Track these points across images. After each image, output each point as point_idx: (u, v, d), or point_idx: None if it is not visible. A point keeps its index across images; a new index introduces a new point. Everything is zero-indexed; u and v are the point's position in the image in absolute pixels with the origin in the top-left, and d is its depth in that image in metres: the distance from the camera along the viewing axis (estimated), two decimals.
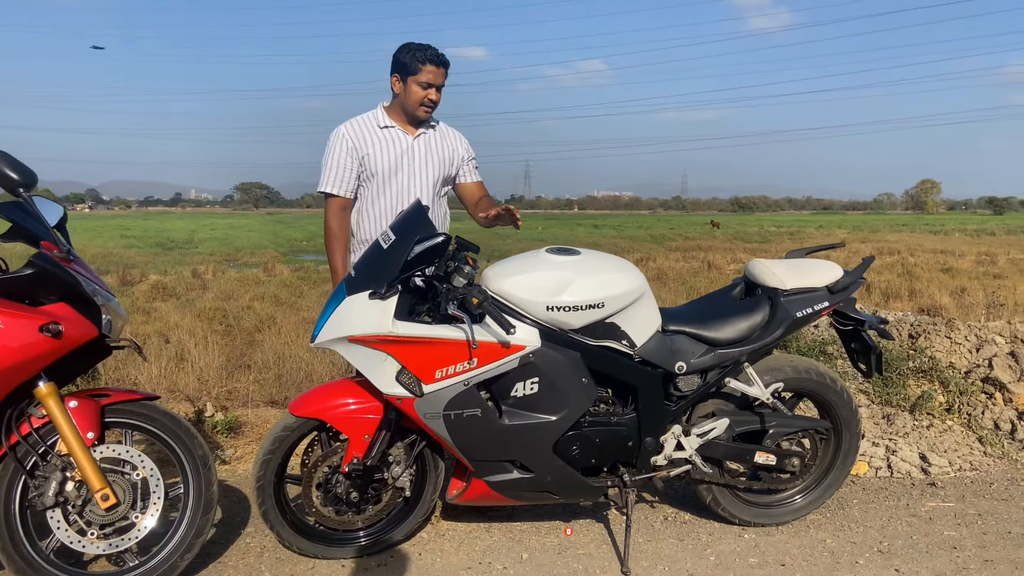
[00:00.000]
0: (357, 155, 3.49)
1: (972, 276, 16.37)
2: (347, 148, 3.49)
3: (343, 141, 3.49)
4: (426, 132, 3.60)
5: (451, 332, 2.76)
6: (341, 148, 3.49)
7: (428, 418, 2.82)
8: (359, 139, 3.49)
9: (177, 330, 9.16)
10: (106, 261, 23.42)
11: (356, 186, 3.55)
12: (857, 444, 3.45)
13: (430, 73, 3.42)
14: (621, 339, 2.98)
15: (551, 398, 2.90)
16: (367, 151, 3.49)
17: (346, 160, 3.49)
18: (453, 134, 3.71)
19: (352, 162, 3.49)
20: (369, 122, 3.54)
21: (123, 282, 16.80)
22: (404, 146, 3.53)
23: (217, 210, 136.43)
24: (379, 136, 3.52)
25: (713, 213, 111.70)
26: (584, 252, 3.00)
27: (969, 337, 5.67)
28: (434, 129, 3.64)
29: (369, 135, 3.51)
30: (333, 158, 3.50)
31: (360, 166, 3.51)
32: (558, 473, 3.00)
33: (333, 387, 3.01)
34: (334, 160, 3.49)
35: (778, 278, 3.19)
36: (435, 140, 3.61)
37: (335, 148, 3.50)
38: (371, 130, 3.52)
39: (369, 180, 3.53)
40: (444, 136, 3.66)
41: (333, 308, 2.80)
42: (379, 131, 3.53)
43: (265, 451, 2.93)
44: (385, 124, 3.54)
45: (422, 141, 3.57)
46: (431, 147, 3.59)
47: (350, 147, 3.49)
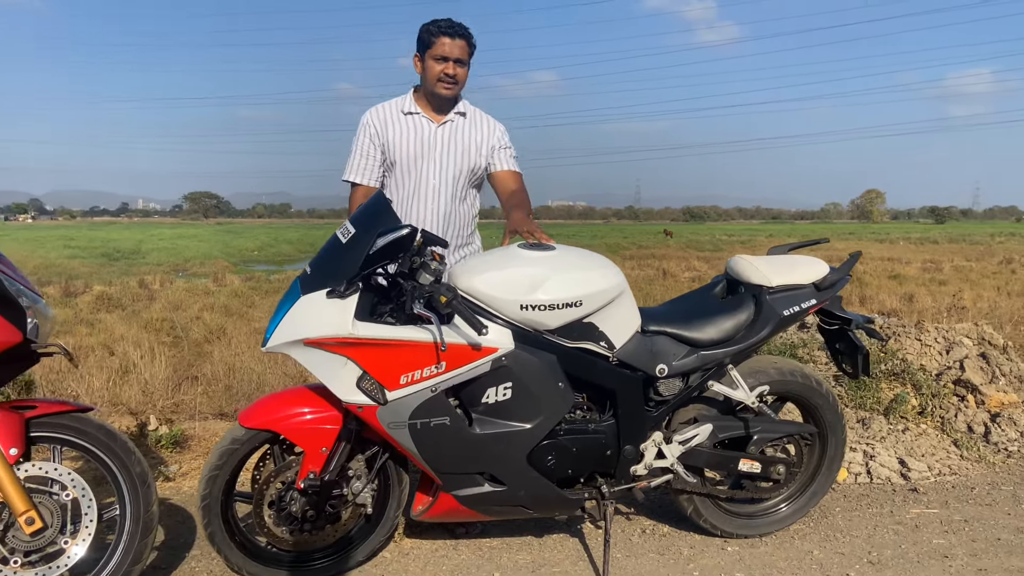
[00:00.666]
0: (379, 141, 3.30)
1: (919, 282, 16.65)
2: (370, 134, 3.31)
3: (366, 127, 3.32)
4: (454, 120, 3.34)
5: (417, 333, 2.53)
6: (365, 135, 3.32)
7: (392, 428, 2.58)
8: (382, 125, 3.30)
9: (122, 342, 8.81)
10: (48, 272, 22.68)
11: (381, 175, 3.36)
12: (843, 449, 3.30)
13: (445, 45, 3.17)
14: (599, 340, 2.77)
15: (525, 404, 2.68)
16: (388, 137, 3.29)
17: (369, 147, 3.32)
18: (487, 122, 3.41)
19: (375, 149, 3.31)
20: (394, 108, 3.34)
21: (66, 293, 16.27)
22: (426, 134, 3.30)
23: (166, 220, 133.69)
24: (402, 122, 3.30)
25: (666, 222, 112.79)
26: (560, 248, 2.80)
27: (938, 339, 5.60)
28: (464, 117, 3.37)
29: (392, 121, 3.31)
30: (357, 145, 3.34)
31: (382, 154, 3.32)
32: (532, 485, 2.78)
33: (287, 395, 2.75)
34: (358, 147, 3.34)
35: (763, 275, 3.02)
36: (463, 129, 3.34)
37: (359, 135, 3.34)
38: (394, 116, 3.32)
39: (391, 169, 3.34)
40: (475, 124, 3.38)
41: (287, 309, 2.54)
42: (402, 117, 3.31)
43: (211, 466, 2.66)
44: (410, 110, 3.32)
45: (447, 129, 3.32)
46: (457, 136, 3.33)
47: (372, 133, 3.31)
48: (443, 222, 3.32)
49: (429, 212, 3.30)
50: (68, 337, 9.75)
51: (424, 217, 3.29)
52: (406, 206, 3.31)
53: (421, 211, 3.30)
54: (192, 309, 13.23)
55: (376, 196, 2.68)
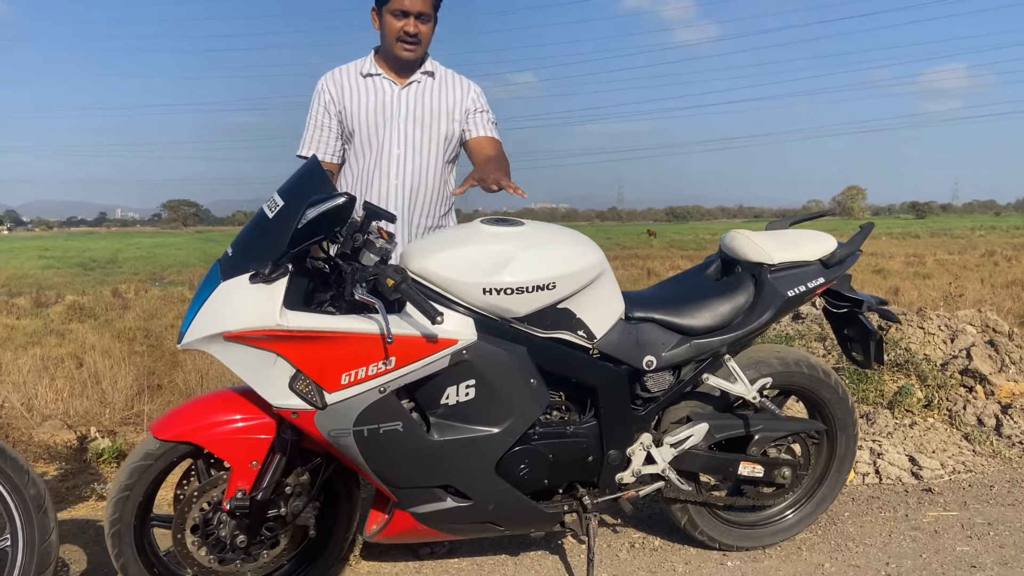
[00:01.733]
0: (335, 109, 2.91)
1: (903, 276, 16.42)
2: (324, 102, 2.92)
3: (320, 95, 2.93)
4: (420, 81, 2.92)
5: (360, 324, 2.13)
6: (319, 103, 2.94)
7: (334, 436, 2.18)
8: (338, 91, 2.90)
9: (92, 352, 8.40)
10: (21, 283, 22.10)
11: (341, 148, 2.97)
12: (854, 448, 2.93)
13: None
14: (576, 329, 2.39)
15: (492, 405, 2.28)
16: (344, 104, 2.89)
17: (324, 117, 2.93)
18: (460, 83, 2.98)
19: (330, 119, 2.92)
20: (352, 71, 2.93)
21: (37, 303, 15.77)
22: (388, 97, 2.88)
23: (144, 229, 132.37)
24: (360, 86, 2.89)
25: (649, 223, 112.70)
26: (529, 223, 2.41)
27: (941, 327, 5.26)
28: (432, 77, 2.95)
29: (349, 85, 2.90)
30: (311, 116, 2.96)
31: (340, 124, 2.92)
32: (503, 499, 2.38)
33: (210, 400, 2.35)
34: (312, 118, 2.95)
35: (763, 251, 2.64)
36: (431, 90, 2.92)
37: (313, 104, 2.96)
38: (352, 79, 2.91)
39: (349, 139, 2.93)
40: (445, 85, 2.96)
41: (205, 297, 2.14)
42: (360, 80, 2.90)
43: (120, 486, 2.25)
44: (369, 72, 2.91)
45: (413, 91, 2.90)
46: (424, 99, 2.90)
47: (327, 100, 2.92)
48: (409, 198, 2.89)
49: (392, 187, 2.87)
50: (36, 348, 9.33)
51: (387, 193, 2.87)
52: (365, 181, 2.89)
53: (383, 186, 2.87)
54: (167, 317, 12.79)
55: (309, 162, 2.28)
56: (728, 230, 2.87)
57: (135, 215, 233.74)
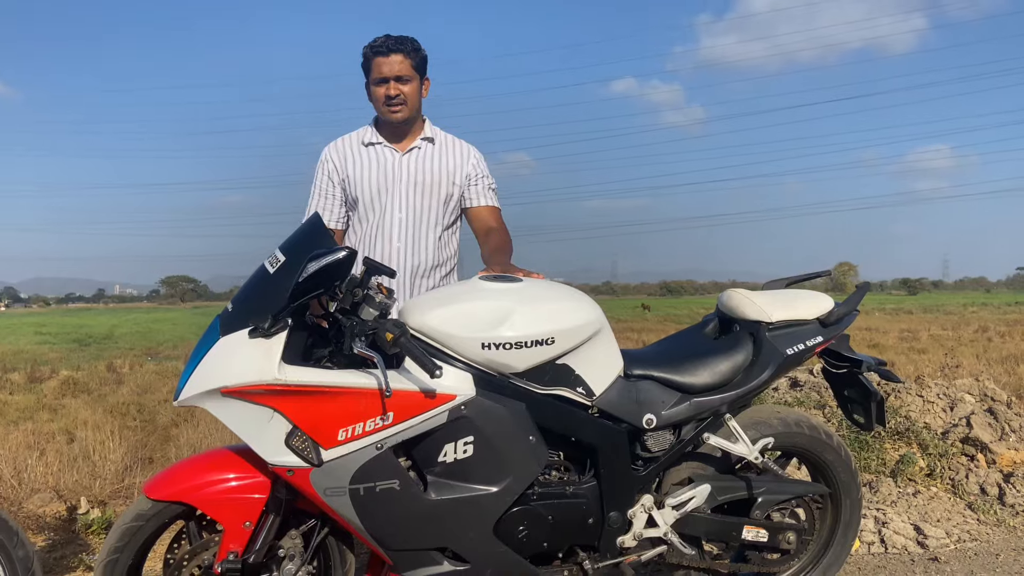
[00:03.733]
0: (338, 178, 3.02)
1: (899, 351, 16.38)
2: (328, 171, 3.06)
3: (324, 164, 3.07)
4: (420, 147, 3.03)
5: (358, 379, 2.12)
6: (323, 172, 3.07)
7: (329, 495, 2.14)
8: (341, 160, 3.02)
9: (84, 427, 8.31)
10: (16, 359, 21.89)
11: (345, 215, 3.09)
12: (859, 513, 2.88)
13: (381, 65, 2.89)
14: (575, 385, 2.37)
15: (490, 463, 2.25)
16: (347, 172, 3.00)
17: (327, 185, 3.06)
18: (459, 147, 3.09)
19: (334, 187, 3.05)
20: (354, 140, 3.05)
21: (31, 379, 15.61)
22: (389, 165, 2.99)
23: (142, 305, 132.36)
24: (362, 155, 3.01)
25: (643, 297, 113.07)
26: (526, 279, 2.42)
27: (940, 395, 5.24)
28: (432, 143, 3.05)
29: (351, 155, 3.02)
30: (316, 184, 3.09)
31: (343, 191, 3.02)
32: (501, 562, 2.32)
33: (203, 460, 2.31)
34: (317, 186, 3.09)
35: (761, 309, 2.64)
36: (431, 156, 3.02)
37: (318, 172, 3.09)
38: (355, 149, 3.03)
39: (353, 206, 3.03)
40: (445, 151, 3.06)
41: (203, 353, 2.14)
42: (363, 149, 3.02)
43: (111, 548, 2.19)
44: (371, 141, 3.02)
45: (413, 157, 3.01)
46: (424, 165, 3.01)
47: (331, 169, 3.05)
48: (411, 261, 2.97)
49: (394, 250, 2.96)
50: (28, 423, 9.23)
51: (389, 256, 2.95)
52: (369, 244, 2.98)
53: (385, 249, 2.95)
54: (161, 392, 12.68)
55: (311, 218, 2.30)
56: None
57: (133, 291, 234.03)
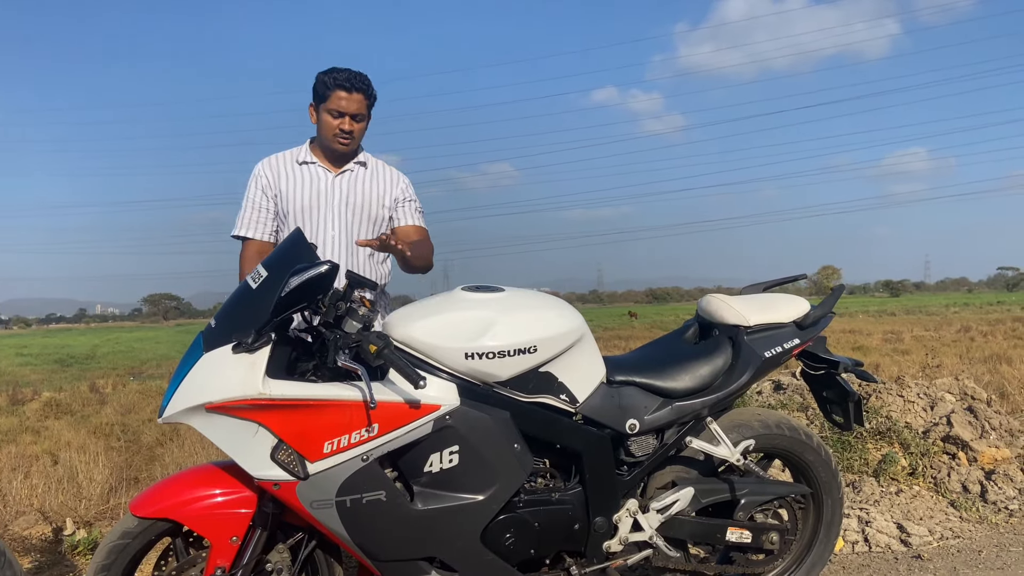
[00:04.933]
0: (271, 193, 3.08)
1: (882, 353, 16.50)
2: (261, 186, 3.12)
3: (257, 178, 3.13)
4: (353, 169, 3.13)
5: (343, 391, 2.14)
6: (256, 186, 3.13)
7: (316, 507, 2.15)
8: (274, 176, 3.09)
9: (68, 448, 8.24)
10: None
11: (275, 229, 3.15)
12: (841, 512, 2.91)
13: (341, 100, 2.97)
14: (559, 393, 2.40)
15: (476, 472, 2.27)
16: (280, 188, 3.07)
17: (260, 199, 3.12)
18: (390, 173, 3.21)
19: (267, 201, 3.11)
20: (288, 158, 3.13)
21: (13, 401, 15.44)
22: (322, 185, 3.08)
23: (124, 324, 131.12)
24: (296, 173, 3.09)
25: (630, 304, 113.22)
26: (508, 289, 2.45)
27: (921, 395, 5.31)
28: (364, 167, 3.16)
29: (285, 172, 3.09)
30: (248, 198, 3.14)
31: (275, 205, 3.09)
32: (489, 570, 2.34)
33: (189, 476, 2.32)
34: (248, 200, 3.14)
35: (739, 314, 2.69)
36: (363, 179, 3.14)
37: (250, 187, 3.15)
38: (288, 166, 3.10)
39: (283, 221, 3.10)
40: (376, 175, 3.18)
41: (187, 371, 2.15)
42: (296, 167, 3.10)
43: (97, 567, 2.19)
44: (304, 160, 3.10)
45: (346, 179, 3.11)
46: (356, 186, 3.12)
47: (264, 184, 3.12)
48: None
49: None
50: (11, 446, 9.14)
51: None
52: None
53: None
54: (145, 411, 12.59)
55: (293, 234, 2.32)
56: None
57: (115, 310, 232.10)
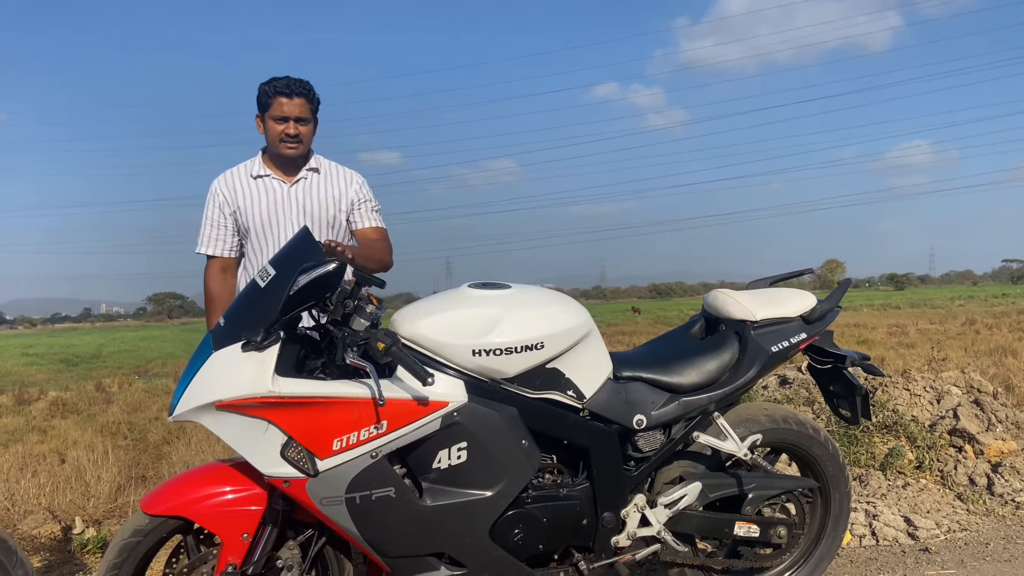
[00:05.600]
0: (229, 210, 3.13)
1: (888, 346, 16.46)
2: (219, 203, 3.17)
3: (215, 196, 3.18)
4: (307, 177, 3.17)
5: (351, 388, 2.15)
6: (213, 204, 3.18)
7: (326, 504, 2.17)
8: (231, 192, 3.13)
9: (75, 447, 8.28)
10: (2, 381, 21.67)
11: (238, 244, 3.22)
12: (848, 505, 2.92)
13: (283, 105, 3.03)
14: (566, 389, 2.41)
15: (484, 468, 2.29)
16: (238, 204, 3.12)
17: (218, 217, 3.17)
18: (343, 175, 3.25)
19: (225, 218, 3.15)
20: (243, 173, 3.17)
21: (19, 401, 15.48)
22: (278, 196, 3.14)
23: (129, 323, 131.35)
24: (251, 187, 3.13)
25: (633, 300, 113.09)
26: (515, 286, 2.46)
27: (927, 388, 5.31)
28: (318, 172, 3.20)
29: (241, 187, 3.14)
30: (207, 216, 3.19)
31: (235, 222, 3.14)
32: (498, 565, 2.35)
33: (200, 474, 2.33)
34: (208, 218, 3.19)
35: (745, 308, 2.69)
36: (317, 185, 3.18)
37: (208, 205, 3.19)
38: (244, 181, 3.15)
39: (244, 236, 3.15)
40: (330, 179, 3.22)
41: (196, 369, 2.16)
42: (251, 181, 3.14)
43: (109, 565, 2.21)
44: (259, 173, 3.15)
45: (300, 188, 3.16)
46: (311, 194, 3.16)
47: (221, 202, 3.17)
48: None
49: None
50: (18, 445, 9.19)
51: None
52: None
53: None
54: (151, 410, 12.61)
55: (299, 232, 2.33)
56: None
57: (120, 309, 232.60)
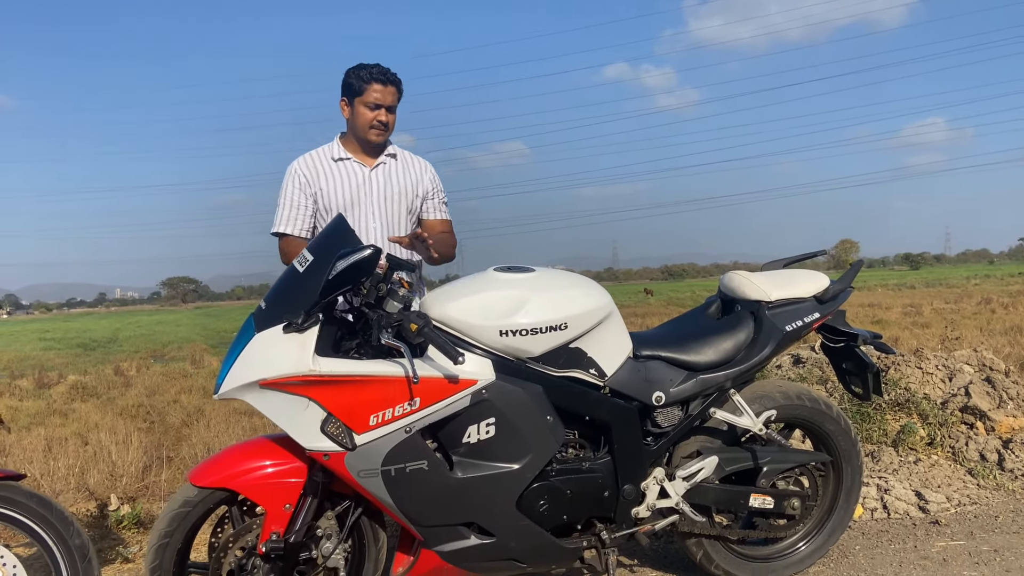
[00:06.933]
0: (310, 191, 3.18)
1: (902, 326, 16.48)
2: (299, 184, 3.21)
3: (295, 177, 3.21)
4: (385, 162, 3.25)
5: (386, 367, 2.27)
6: (293, 185, 3.21)
7: (363, 476, 2.30)
8: (312, 174, 3.19)
9: (96, 430, 8.46)
10: (22, 365, 22.09)
11: (312, 225, 3.24)
12: (860, 479, 3.03)
13: (376, 92, 3.10)
14: (588, 367, 2.52)
15: (511, 442, 2.41)
16: (320, 186, 3.17)
17: (298, 197, 3.20)
18: (418, 163, 3.34)
19: (305, 199, 3.20)
20: (323, 155, 3.23)
21: (39, 384, 15.78)
22: (360, 179, 3.20)
23: (144, 308, 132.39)
24: (333, 170, 3.20)
25: (645, 281, 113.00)
26: (539, 269, 2.57)
27: (939, 367, 5.38)
28: (395, 159, 3.28)
29: (323, 169, 3.19)
30: (285, 196, 3.22)
31: (315, 203, 3.20)
32: (524, 535, 2.48)
33: (244, 448, 2.46)
34: (286, 198, 3.21)
35: (760, 289, 2.79)
36: (396, 170, 3.26)
37: (287, 185, 3.22)
38: (325, 164, 3.21)
39: (323, 218, 3.20)
40: (407, 165, 3.30)
41: (240, 349, 2.28)
42: (333, 164, 3.20)
43: (160, 533, 2.35)
44: (340, 156, 3.21)
45: (380, 172, 3.23)
46: (391, 178, 3.23)
47: (302, 183, 3.20)
48: None
49: None
50: (40, 428, 9.40)
51: None
52: None
53: None
54: (169, 393, 12.84)
55: (335, 219, 2.45)
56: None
57: (134, 294, 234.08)
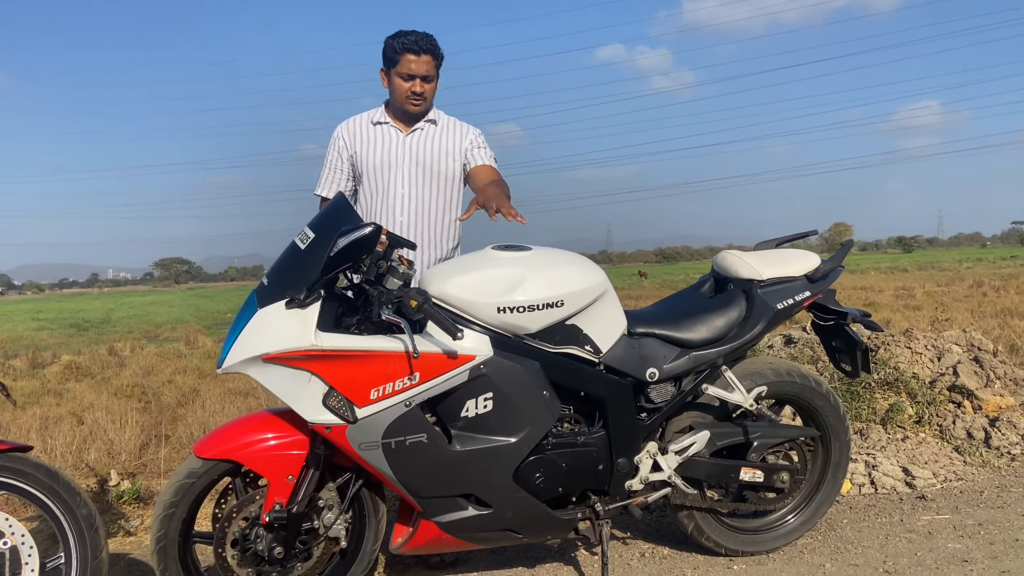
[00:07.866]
0: (347, 154, 3.23)
1: (894, 309, 16.59)
2: (338, 148, 3.26)
3: (335, 141, 3.27)
4: (423, 128, 3.22)
5: (387, 343, 2.32)
6: (334, 148, 3.27)
7: (364, 449, 2.36)
8: (351, 137, 3.23)
9: (91, 409, 8.50)
10: (16, 344, 22.04)
11: (351, 189, 3.30)
12: (848, 454, 3.11)
13: (411, 63, 3.07)
14: (584, 344, 2.58)
15: (508, 416, 2.47)
16: (355, 149, 3.21)
17: (337, 161, 3.27)
18: (459, 128, 3.26)
19: (343, 163, 3.26)
20: (364, 119, 3.25)
21: (33, 364, 15.76)
22: (394, 143, 3.19)
23: (137, 288, 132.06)
24: (370, 133, 3.21)
25: (639, 264, 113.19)
26: (535, 248, 2.62)
27: (928, 347, 5.47)
28: (435, 124, 3.24)
29: (361, 133, 3.22)
30: (327, 159, 3.30)
31: (351, 166, 3.24)
32: (521, 506, 2.55)
33: (248, 421, 2.52)
34: (328, 161, 3.29)
35: (752, 268, 2.85)
36: (432, 136, 3.21)
37: (330, 149, 3.29)
38: (364, 127, 3.23)
39: (360, 180, 3.25)
40: (447, 131, 3.24)
41: (243, 324, 2.33)
42: (371, 128, 3.22)
43: (166, 504, 2.41)
44: (379, 120, 3.22)
45: (416, 137, 3.20)
46: (426, 144, 3.19)
47: (341, 146, 3.25)
48: (414, 234, 3.16)
49: (398, 224, 3.16)
50: (35, 407, 9.43)
51: (393, 229, 3.14)
52: (374, 217, 3.17)
53: (390, 223, 3.15)
54: (164, 373, 12.86)
55: (336, 198, 2.49)
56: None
57: (127, 275, 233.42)
